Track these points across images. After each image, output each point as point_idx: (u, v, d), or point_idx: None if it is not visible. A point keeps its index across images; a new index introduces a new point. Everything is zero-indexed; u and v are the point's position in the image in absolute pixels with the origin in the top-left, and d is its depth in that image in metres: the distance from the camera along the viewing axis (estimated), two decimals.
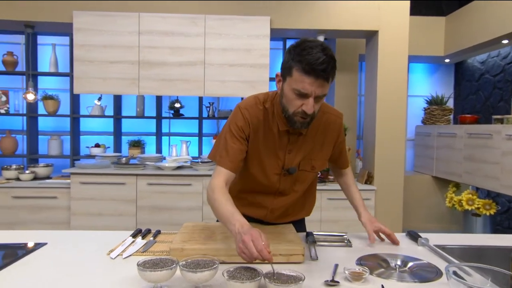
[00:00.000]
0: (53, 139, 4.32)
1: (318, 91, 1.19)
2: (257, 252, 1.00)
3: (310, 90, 1.18)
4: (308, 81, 1.16)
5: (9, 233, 1.54)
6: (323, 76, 1.15)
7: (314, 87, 1.17)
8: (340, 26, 3.53)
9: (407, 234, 1.60)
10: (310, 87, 1.17)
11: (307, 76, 1.16)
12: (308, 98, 1.20)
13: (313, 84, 1.17)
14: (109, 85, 3.39)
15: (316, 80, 1.16)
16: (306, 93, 1.19)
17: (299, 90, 1.19)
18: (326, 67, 1.14)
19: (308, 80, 1.16)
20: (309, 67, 1.14)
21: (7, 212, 3.43)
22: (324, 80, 1.17)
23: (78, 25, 3.34)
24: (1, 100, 4.34)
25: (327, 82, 1.19)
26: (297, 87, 1.19)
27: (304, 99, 1.21)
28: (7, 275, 1.11)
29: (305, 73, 1.16)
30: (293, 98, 1.22)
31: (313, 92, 1.18)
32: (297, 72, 1.18)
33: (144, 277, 0.97)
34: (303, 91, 1.18)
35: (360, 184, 3.66)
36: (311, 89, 1.17)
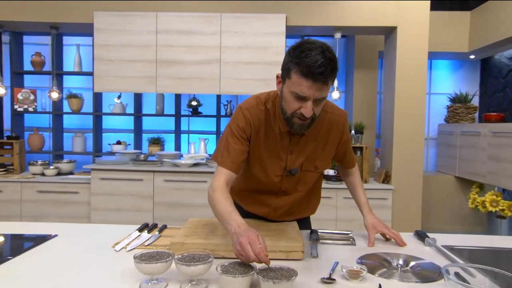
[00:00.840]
0: (77, 136, 4.47)
1: (317, 95, 1.17)
2: (255, 255, 1.00)
3: (308, 94, 1.16)
4: (306, 85, 1.15)
5: (27, 225, 1.61)
6: (321, 79, 1.13)
7: (312, 90, 1.16)
8: (357, 23, 3.48)
9: (415, 234, 1.57)
10: (308, 90, 1.16)
11: (305, 79, 1.14)
12: (307, 102, 1.18)
13: (311, 88, 1.15)
14: (128, 83, 3.48)
15: (314, 83, 1.14)
16: (305, 96, 1.17)
17: (297, 93, 1.17)
18: (324, 70, 1.12)
19: (306, 83, 1.15)
20: (307, 70, 1.12)
21: (33, 206, 3.58)
22: (323, 84, 1.15)
23: (98, 25, 3.44)
24: (30, 98, 4.53)
25: (326, 85, 1.16)
26: (296, 90, 1.17)
27: (302, 102, 1.19)
28: (17, 263, 1.17)
29: (303, 76, 1.14)
30: (291, 100, 1.21)
31: (312, 95, 1.17)
32: (295, 75, 1.16)
33: (140, 269, 1.00)
34: (301, 94, 1.17)
35: (378, 183, 3.60)
36: (309, 92, 1.16)
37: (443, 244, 1.47)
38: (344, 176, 1.65)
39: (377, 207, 3.45)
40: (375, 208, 3.37)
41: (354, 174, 1.62)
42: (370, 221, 1.50)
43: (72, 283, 1.04)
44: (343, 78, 4.69)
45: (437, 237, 1.54)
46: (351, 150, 1.56)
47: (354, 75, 4.33)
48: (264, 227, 1.45)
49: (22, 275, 1.09)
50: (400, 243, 1.44)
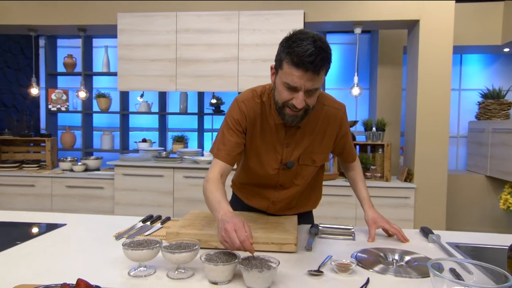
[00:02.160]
0: (105, 135, 4.65)
1: (308, 85, 1.15)
2: (240, 242, 1.00)
3: (299, 84, 1.15)
4: (297, 74, 1.14)
5: (42, 214, 1.70)
6: (312, 68, 1.12)
7: (303, 80, 1.14)
8: (377, 17, 3.39)
9: (420, 230, 1.52)
10: (299, 80, 1.14)
11: (296, 69, 1.13)
12: (298, 92, 1.17)
13: (302, 78, 1.14)
14: (150, 82, 3.58)
15: (305, 73, 1.13)
16: (295, 87, 1.16)
17: (288, 84, 1.17)
18: (314, 59, 1.10)
19: (297, 73, 1.14)
20: (298, 59, 1.11)
21: (62, 200, 3.76)
22: (314, 73, 1.13)
23: (122, 26, 3.56)
24: (62, 98, 4.76)
25: (317, 75, 1.15)
26: (287, 80, 1.17)
27: (294, 93, 1.18)
28: (23, 248, 1.24)
29: (294, 66, 1.13)
30: (283, 91, 1.20)
31: (303, 86, 1.15)
32: (287, 65, 1.16)
33: (127, 255, 1.03)
34: (292, 84, 1.16)
35: (400, 181, 3.49)
36: (300, 82, 1.15)
37: (449, 241, 1.41)
38: (345, 171, 1.63)
39: (398, 206, 3.35)
40: (396, 207, 3.31)
41: (355, 169, 1.58)
42: (371, 216, 1.46)
43: (64, 268, 1.09)
44: (367, 74, 4.59)
45: (447, 235, 1.48)
46: (351, 144, 1.53)
47: (378, 71, 4.22)
48: (263, 220, 1.45)
49: (22, 259, 1.16)
50: (402, 239, 1.40)
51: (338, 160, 1.64)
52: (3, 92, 4.81)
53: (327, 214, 3.39)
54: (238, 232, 1.01)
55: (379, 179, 3.51)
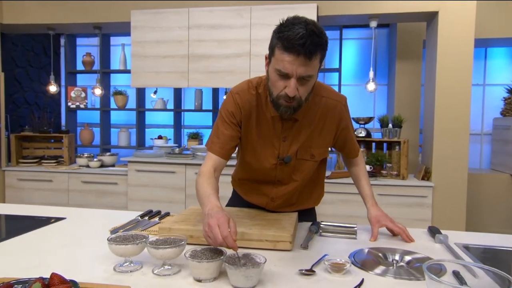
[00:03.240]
0: (122, 131, 4.71)
1: (300, 71, 1.10)
2: (222, 238, 0.96)
3: (290, 70, 1.10)
4: (288, 59, 1.09)
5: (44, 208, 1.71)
6: (303, 52, 1.06)
7: (295, 65, 1.09)
8: (393, 9, 3.27)
9: (428, 230, 1.43)
10: (290, 66, 1.09)
11: (287, 53, 1.08)
12: (290, 79, 1.12)
13: (293, 63, 1.09)
14: (162, 78, 3.59)
15: (296, 58, 1.08)
16: (287, 73, 1.11)
17: (280, 70, 1.12)
18: (304, 42, 1.05)
19: (288, 58, 1.09)
20: (288, 43, 1.07)
21: (78, 195, 3.83)
22: (305, 58, 1.08)
23: (135, 23, 3.58)
24: (81, 96, 4.85)
25: (310, 60, 1.09)
26: (278, 67, 1.12)
27: (286, 80, 1.13)
28: (18, 241, 1.25)
29: (285, 51, 1.09)
30: (276, 79, 1.15)
31: (294, 72, 1.10)
32: (278, 51, 1.11)
33: (112, 250, 1.01)
34: (283, 70, 1.11)
35: (417, 180, 3.36)
36: (291, 68, 1.10)
37: (458, 242, 1.33)
38: (348, 166, 1.56)
39: (415, 205, 3.23)
40: (413, 206, 3.19)
41: (358, 164, 1.51)
42: (374, 214, 1.39)
43: (52, 263, 1.08)
44: (385, 70, 4.46)
45: (457, 236, 1.40)
46: (353, 138, 1.46)
47: (396, 66, 4.09)
48: (260, 217, 1.40)
49: (14, 252, 1.16)
50: (406, 238, 1.32)
51: (341, 156, 1.57)
52: (26, 90, 4.95)
53: (342, 212, 3.31)
54: (221, 227, 0.97)
55: (395, 177, 3.39)
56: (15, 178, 3.96)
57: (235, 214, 1.43)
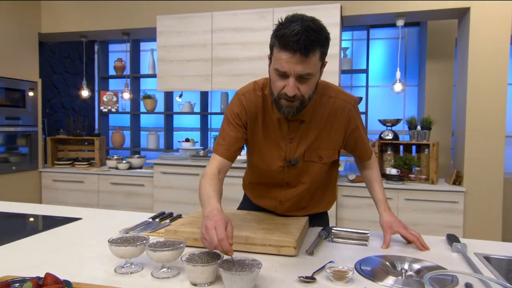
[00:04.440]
0: (151, 134, 4.83)
1: (298, 69, 1.07)
2: (218, 241, 0.95)
3: (287, 68, 1.07)
4: (284, 58, 1.07)
5: (62, 208, 1.77)
6: (298, 49, 1.03)
7: (292, 64, 1.07)
8: (422, 7, 3.14)
9: (446, 238, 1.35)
10: (287, 64, 1.07)
11: (284, 51, 1.07)
12: (289, 78, 1.10)
13: (290, 61, 1.06)
14: (187, 82, 3.64)
15: (293, 56, 1.05)
16: (285, 72, 1.09)
17: (277, 69, 1.10)
18: (299, 38, 1.02)
19: (285, 56, 1.07)
20: (284, 40, 1.05)
21: (107, 196, 3.96)
22: (302, 55, 1.05)
23: (160, 28, 3.66)
24: (112, 100, 5.03)
25: (307, 57, 1.06)
26: (276, 66, 1.10)
27: (285, 79, 1.11)
28: (31, 240, 1.29)
29: (282, 49, 1.07)
30: (275, 79, 1.14)
31: (292, 70, 1.07)
32: (276, 50, 1.10)
33: (112, 251, 1.02)
34: (281, 69, 1.09)
35: (448, 184, 3.21)
36: (288, 66, 1.07)
37: (479, 252, 1.24)
38: (360, 169, 1.50)
39: (445, 211, 3.08)
40: (443, 212, 3.04)
41: (371, 167, 1.45)
42: (387, 220, 1.33)
43: (58, 262, 1.11)
44: (415, 70, 4.30)
45: (478, 245, 1.31)
46: (365, 140, 1.40)
47: (426, 66, 3.93)
48: (269, 221, 1.38)
49: (26, 250, 1.20)
50: (420, 246, 1.25)
51: (354, 159, 1.51)
52: (62, 95, 5.20)
53: (367, 217, 3.21)
54: (218, 230, 0.95)
55: (424, 181, 3.25)
56: (50, 179, 4.15)
57: (242, 218, 1.42)
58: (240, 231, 1.22)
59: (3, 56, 3.78)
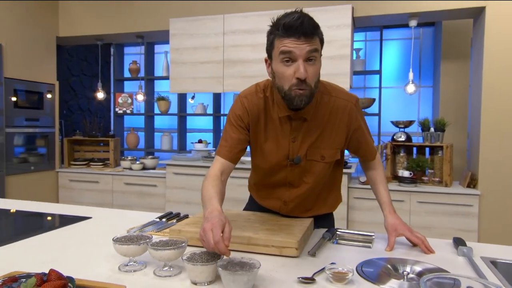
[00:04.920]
0: (165, 135, 4.90)
1: (306, 49, 1.11)
2: (214, 243, 0.96)
3: (296, 51, 1.11)
4: (290, 42, 1.11)
5: (73, 207, 1.82)
6: (303, 31, 1.09)
7: (299, 45, 1.11)
8: (435, 7, 3.09)
9: (453, 241, 1.33)
10: (294, 48, 1.11)
11: (288, 38, 1.11)
12: (297, 62, 1.12)
13: (296, 44, 1.11)
14: (199, 84, 3.68)
15: (298, 39, 1.10)
16: (290, 51, 1.11)
17: (282, 51, 1.12)
18: (302, 21, 1.09)
19: (290, 41, 1.11)
20: (286, 27, 1.10)
21: (121, 196, 4.03)
22: (307, 37, 1.10)
23: (173, 31, 3.72)
24: (127, 102, 5.12)
25: (312, 38, 1.11)
26: (283, 50, 1.13)
27: (293, 65, 1.13)
28: (43, 238, 1.34)
29: (286, 36, 1.11)
30: (284, 70, 1.15)
31: (300, 52, 1.11)
32: (278, 40, 1.14)
33: (116, 249, 1.05)
34: (286, 49, 1.12)
35: (462, 187, 3.15)
36: (295, 49, 1.11)
37: (485, 255, 1.22)
38: (364, 170, 1.49)
39: (460, 214, 3.02)
40: (457, 215, 2.99)
41: (375, 168, 1.44)
42: (391, 222, 1.32)
43: (65, 260, 1.15)
44: (430, 71, 4.24)
45: (486, 249, 1.29)
46: (367, 139, 1.40)
47: (441, 66, 3.87)
48: (273, 222, 1.39)
49: (36, 247, 1.24)
50: (425, 249, 1.24)
51: (358, 159, 1.51)
52: (79, 97, 5.32)
53: (377, 220, 3.17)
54: (214, 232, 0.97)
55: (438, 184, 3.20)
56: (67, 179, 4.25)
57: (247, 218, 1.43)
58: (243, 232, 1.24)
59: (23, 60, 3.90)
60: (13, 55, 3.79)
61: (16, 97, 3.86)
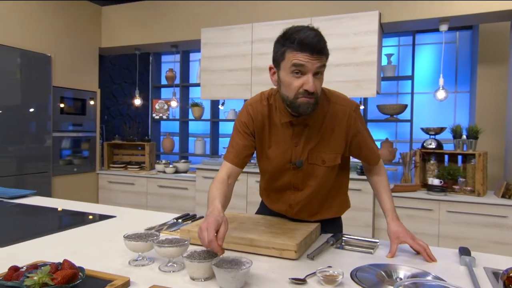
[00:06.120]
0: (198, 140, 5.07)
1: (317, 65, 1.18)
2: (207, 242, 1.04)
3: (309, 66, 1.18)
4: (303, 57, 1.17)
5: (101, 207, 1.97)
6: (317, 49, 1.16)
7: (310, 62, 1.17)
8: (467, 10, 3.01)
9: (459, 250, 1.32)
10: (307, 63, 1.18)
11: (301, 52, 1.17)
12: (307, 75, 1.19)
13: (309, 60, 1.17)
14: (227, 91, 3.80)
15: (311, 55, 1.17)
16: (302, 64, 1.17)
17: (295, 64, 1.18)
18: (319, 40, 1.17)
19: (303, 56, 1.17)
20: (302, 42, 1.16)
21: (155, 198, 4.22)
22: (319, 54, 1.18)
23: (204, 40, 3.87)
24: (164, 108, 5.36)
25: (323, 56, 1.19)
26: (294, 62, 1.19)
27: (302, 77, 1.20)
28: (70, 233, 1.48)
29: (300, 50, 1.17)
30: (291, 81, 1.22)
31: (311, 67, 1.18)
32: (290, 53, 1.20)
33: (126, 245, 1.15)
34: (299, 62, 1.18)
35: (496, 197, 3.01)
36: (308, 64, 1.17)
37: (490, 266, 1.20)
38: (367, 175, 1.51)
39: (493, 225, 2.89)
40: (490, 226, 2.88)
41: (378, 173, 1.46)
42: (394, 230, 1.33)
43: (85, 253, 1.27)
44: (467, 75, 4.09)
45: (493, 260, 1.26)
46: (368, 144, 1.43)
47: (477, 71, 3.73)
48: (280, 225, 1.44)
49: (62, 241, 1.38)
50: (426, 257, 1.24)
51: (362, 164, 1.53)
52: (120, 103, 5.64)
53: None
54: (208, 231, 1.05)
55: (470, 193, 3.09)
56: (106, 181, 4.52)
57: (256, 221, 1.49)
58: (248, 234, 1.30)
59: (69, 69, 4.22)
60: (61, 65, 4.11)
61: (63, 104, 4.18)
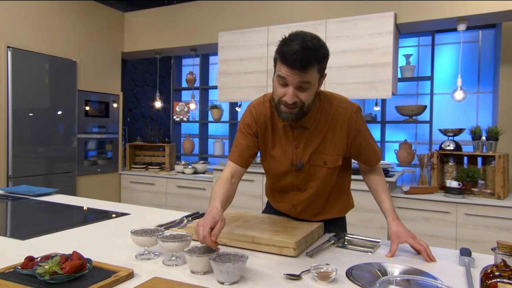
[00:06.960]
0: (217, 142, 5.16)
1: (297, 80, 1.20)
2: (202, 238, 1.10)
3: (288, 79, 1.21)
4: (285, 71, 1.21)
5: (117, 205, 2.07)
6: (297, 65, 1.17)
7: (291, 76, 1.20)
8: (484, 9, 2.95)
9: (460, 251, 1.32)
10: (287, 76, 1.21)
11: (284, 66, 1.20)
12: (289, 87, 1.22)
13: (289, 74, 1.20)
14: (243, 93, 3.86)
15: (292, 70, 1.19)
16: (284, 77, 1.21)
17: (279, 75, 1.23)
18: (296, 57, 1.16)
19: (285, 69, 1.20)
20: (283, 57, 1.19)
21: (174, 198, 4.33)
22: (301, 70, 1.18)
23: (222, 43, 3.95)
24: (184, 110, 5.48)
25: (305, 71, 1.19)
26: (279, 73, 1.23)
27: (286, 88, 1.23)
28: (86, 228, 1.57)
29: (283, 63, 1.21)
30: (277, 87, 1.27)
31: (291, 81, 1.20)
32: (278, 63, 1.24)
33: (132, 239, 1.22)
34: (282, 75, 1.22)
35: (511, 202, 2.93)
36: (288, 78, 1.20)
37: None
38: (364, 175, 1.53)
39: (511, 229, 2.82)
40: (508, 230, 2.79)
41: (376, 173, 1.48)
42: (394, 230, 1.35)
43: (96, 246, 1.35)
44: (490, 75, 3.98)
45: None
46: (368, 145, 1.45)
47: (500, 71, 3.63)
48: (283, 224, 1.48)
49: (78, 235, 1.47)
50: (426, 257, 1.25)
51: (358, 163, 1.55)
52: (142, 106, 5.82)
53: (422, 231, 3.08)
54: (203, 227, 1.10)
55: (489, 196, 3.02)
56: (128, 181, 4.67)
57: (260, 220, 1.54)
58: (250, 231, 1.35)
59: (93, 73, 4.40)
60: (85, 70, 4.29)
61: (88, 107, 4.36)
